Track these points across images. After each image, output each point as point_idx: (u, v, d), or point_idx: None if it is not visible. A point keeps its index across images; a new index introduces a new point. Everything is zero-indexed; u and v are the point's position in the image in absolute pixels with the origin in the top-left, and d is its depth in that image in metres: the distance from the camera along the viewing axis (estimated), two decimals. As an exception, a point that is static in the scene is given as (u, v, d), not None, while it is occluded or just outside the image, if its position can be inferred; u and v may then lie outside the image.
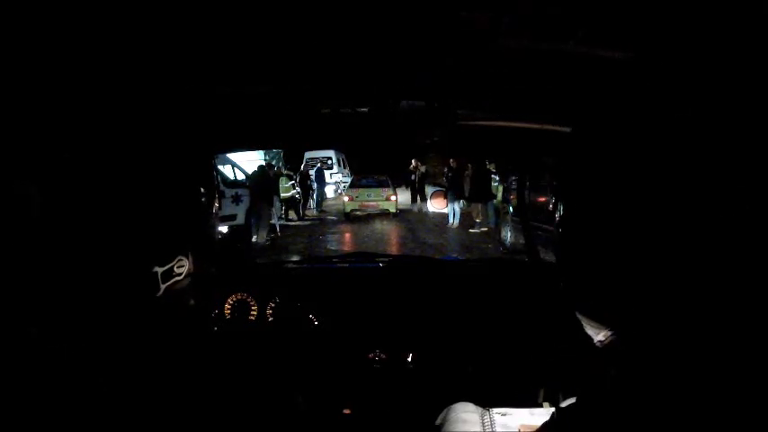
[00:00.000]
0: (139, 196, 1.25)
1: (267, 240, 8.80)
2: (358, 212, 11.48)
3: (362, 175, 12.71)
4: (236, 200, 8.71)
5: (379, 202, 11.49)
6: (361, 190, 11.74)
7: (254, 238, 8.73)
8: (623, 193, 0.71)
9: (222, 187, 8.25)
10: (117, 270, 1.11)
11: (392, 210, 11.55)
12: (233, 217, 8.64)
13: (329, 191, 15.70)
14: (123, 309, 1.10)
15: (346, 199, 11.61)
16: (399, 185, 14.31)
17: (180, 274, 1.19)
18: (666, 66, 0.91)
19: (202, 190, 1.74)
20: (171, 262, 1.18)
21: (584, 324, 0.78)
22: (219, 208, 7.52)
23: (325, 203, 14.33)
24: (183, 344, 1.18)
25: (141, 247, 1.15)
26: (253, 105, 1.32)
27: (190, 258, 1.22)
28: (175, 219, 1.33)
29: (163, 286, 1.15)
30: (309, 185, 13.02)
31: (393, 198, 11.58)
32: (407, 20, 0.90)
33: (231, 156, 9.17)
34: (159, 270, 1.15)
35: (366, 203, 11.45)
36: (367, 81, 1.22)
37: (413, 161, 12.96)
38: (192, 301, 1.25)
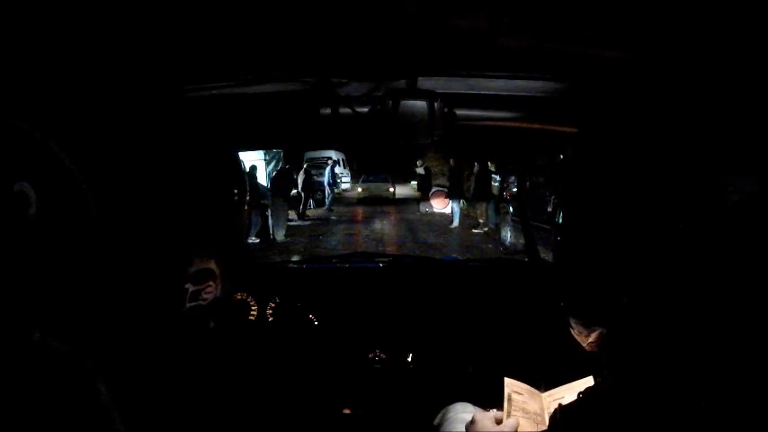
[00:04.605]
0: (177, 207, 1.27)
1: (287, 237, 8.88)
2: (367, 197, 17.67)
3: (369, 174, 18.99)
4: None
5: (382, 192, 18.02)
6: (369, 184, 18.41)
7: (270, 237, 8.85)
8: (624, 194, 0.71)
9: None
10: (152, 279, 1.12)
11: (390, 196, 18.04)
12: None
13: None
14: (148, 316, 1.10)
15: (360, 190, 18.30)
16: (399, 182, 19.65)
17: (205, 300, 1.19)
18: (666, 66, 0.91)
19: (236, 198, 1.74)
20: (202, 285, 1.19)
21: (572, 325, 0.78)
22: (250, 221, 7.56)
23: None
24: (187, 347, 1.17)
25: (177, 259, 1.17)
26: (253, 106, 1.32)
27: (218, 284, 1.22)
28: (211, 237, 1.34)
29: (188, 305, 1.16)
30: (312, 185, 13.34)
31: (391, 189, 18.21)
32: (408, 20, 0.90)
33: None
34: (190, 288, 1.16)
35: (373, 193, 17.99)
36: (367, 82, 1.23)
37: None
38: (211, 324, 1.25)
